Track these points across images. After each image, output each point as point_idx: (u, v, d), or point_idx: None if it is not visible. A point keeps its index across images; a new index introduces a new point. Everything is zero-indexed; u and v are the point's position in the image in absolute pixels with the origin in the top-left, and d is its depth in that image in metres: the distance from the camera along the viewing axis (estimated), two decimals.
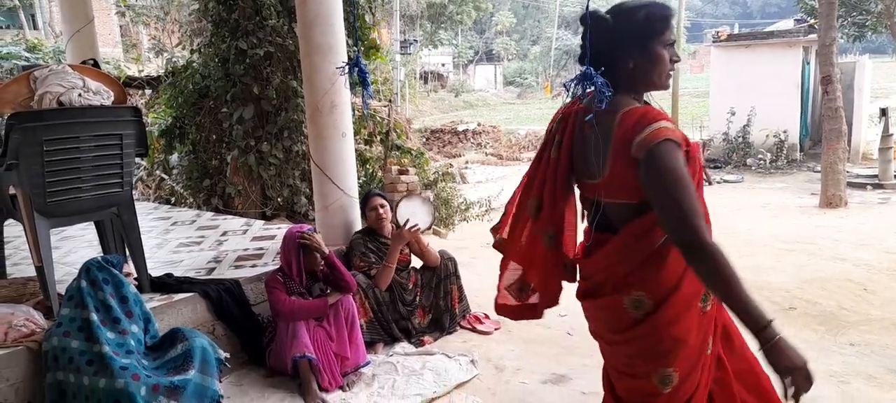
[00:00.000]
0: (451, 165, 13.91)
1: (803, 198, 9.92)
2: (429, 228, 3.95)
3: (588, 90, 1.69)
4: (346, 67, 3.67)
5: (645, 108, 1.62)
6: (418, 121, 24.88)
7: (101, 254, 3.11)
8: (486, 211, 8.37)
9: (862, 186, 10.26)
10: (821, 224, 7.90)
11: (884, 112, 10.52)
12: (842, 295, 4.88)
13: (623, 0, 1.71)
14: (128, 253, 3.24)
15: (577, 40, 1.82)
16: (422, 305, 3.90)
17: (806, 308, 4.63)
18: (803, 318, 4.45)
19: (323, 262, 3.31)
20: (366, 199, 3.96)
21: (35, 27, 22.64)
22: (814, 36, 11.47)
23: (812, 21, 12.49)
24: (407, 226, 3.75)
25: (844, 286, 5.07)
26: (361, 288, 3.62)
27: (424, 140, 21.79)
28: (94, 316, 2.54)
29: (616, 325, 1.76)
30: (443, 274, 3.95)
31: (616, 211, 1.71)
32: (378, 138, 7.69)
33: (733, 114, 13.39)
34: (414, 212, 3.87)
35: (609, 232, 1.73)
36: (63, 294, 2.74)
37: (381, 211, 3.87)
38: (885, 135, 10.28)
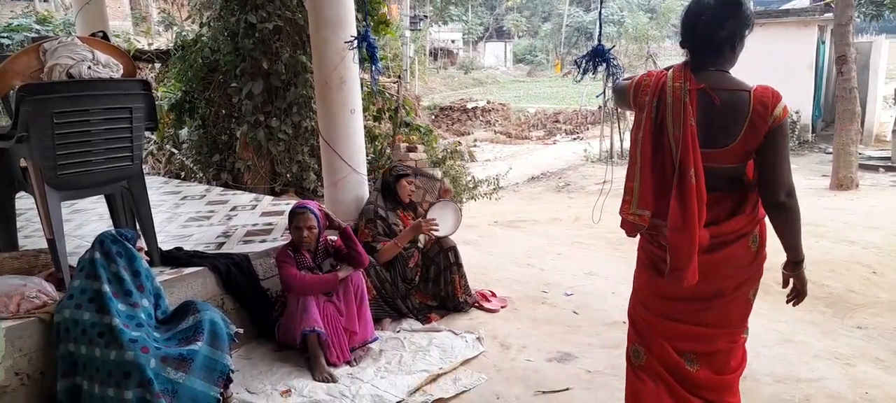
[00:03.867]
0: (460, 143, 13.88)
1: (814, 180, 9.84)
2: (447, 235, 3.98)
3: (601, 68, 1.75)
4: (355, 42, 3.65)
5: (767, 87, 1.94)
6: (427, 98, 24.82)
7: (114, 227, 3.13)
8: (495, 189, 8.37)
9: (874, 168, 10.17)
10: (831, 206, 7.84)
11: None
12: (850, 277, 4.86)
13: None
14: (138, 226, 3.26)
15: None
16: (422, 291, 3.91)
17: (814, 290, 4.58)
18: (811, 301, 4.42)
19: (337, 235, 3.33)
20: (398, 178, 3.98)
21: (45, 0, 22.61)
22: (830, 15, 11.30)
23: None
24: (430, 223, 3.81)
25: (853, 268, 5.05)
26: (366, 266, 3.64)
27: (433, 117, 21.76)
28: (107, 288, 2.56)
29: (745, 260, 2.09)
30: (442, 265, 3.91)
31: (726, 173, 2.00)
32: (387, 115, 7.67)
33: None
34: (443, 217, 3.95)
35: (718, 192, 2.00)
36: (74, 266, 2.77)
37: (409, 187, 3.97)
38: None
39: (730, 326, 2.14)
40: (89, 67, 2.81)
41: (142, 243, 2.94)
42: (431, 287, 3.91)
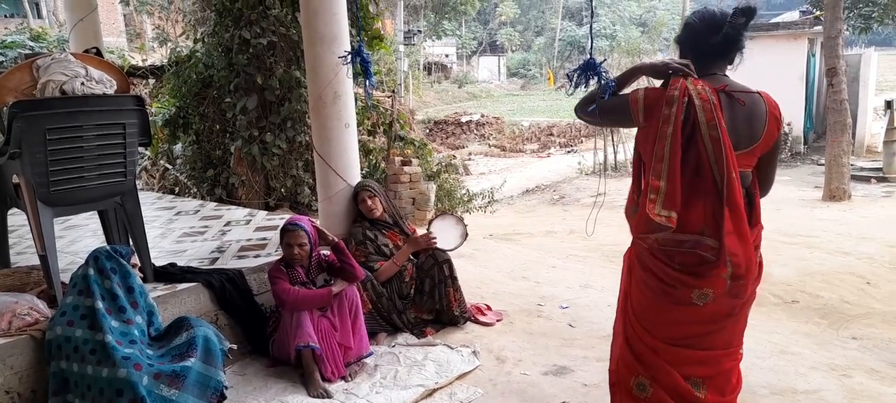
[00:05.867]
0: (455, 156, 13.91)
1: (807, 191, 9.89)
2: (451, 250, 3.95)
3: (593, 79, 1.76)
4: (349, 57, 3.66)
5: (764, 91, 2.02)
6: (422, 112, 24.88)
7: (108, 244, 3.11)
8: (489, 202, 8.38)
9: (866, 179, 10.23)
10: (824, 217, 7.88)
11: (889, 105, 10.46)
12: (844, 288, 4.88)
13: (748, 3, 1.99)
14: (131, 242, 3.24)
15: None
16: (417, 304, 3.89)
17: (808, 301, 4.62)
18: (806, 312, 4.45)
19: (329, 250, 3.32)
20: (357, 192, 4.01)
21: (39, 16, 22.64)
22: (819, 28, 11.41)
23: (818, 13, 12.41)
24: (428, 236, 3.80)
25: (847, 279, 5.07)
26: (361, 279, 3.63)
27: (428, 131, 21.80)
28: (100, 304, 2.55)
29: (759, 273, 2.09)
30: (437, 278, 3.84)
31: (745, 178, 2.01)
32: (381, 129, 7.69)
33: None
34: (445, 231, 3.93)
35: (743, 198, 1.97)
36: (67, 282, 2.75)
37: (369, 202, 3.91)
38: (890, 128, 10.24)
39: (735, 345, 2.11)
40: (83, 83, 2.81)
41: (135, 259, 2.92)
42: (426, 300, 3.88)
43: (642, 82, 2.20)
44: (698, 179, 1.91)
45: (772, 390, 3.03)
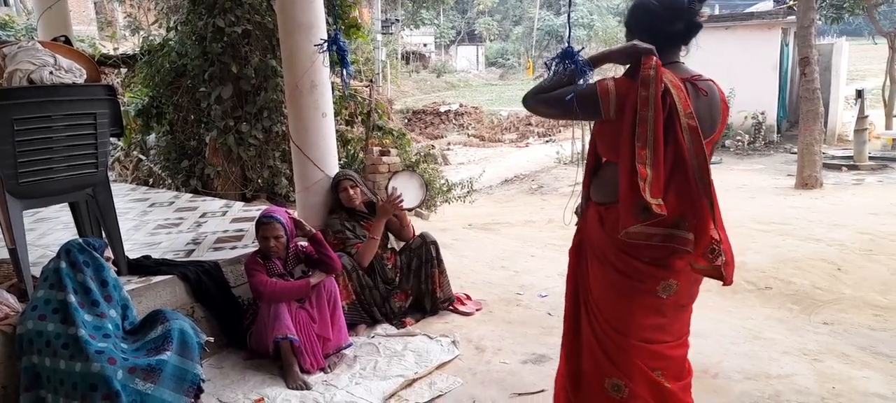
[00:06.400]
0: (434, 146, 13.89)
1: (780, 179, 10.06)
2: (416, 207, 3.93)
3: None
4: (325, 45, 3.61)
5: None
6: (400, 101, 24.77)
7: (81, 237, 3.05)
8: (468, 192, 8.38)
9: (837, 167, 10.43)
10: (797, 205, 8.02)
11: (859, 94, 10.67)
12: (816, 274, 4.97)
13: None
14: (104, 235, 3.18)
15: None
16: (403, 289, 3.89)
17: (781, 287, 4.71)
18: (779, 298, 4.53)
19: (306, 241, 3.29)
20: (339, 181, 3.95)
21: (6, 4, 22.03)
22: (793, 18, 11.57)
23: (791, 3, 12.58)
24: (393, 197, 3.74)
25: (818, 266, 5.17)
26: (346, 269, 3.61)
27: (406, 121, 21.72)
28: (72, 298, 2.50)
29: None
30: (424, 258, 3.91)
31: None
32: (359, 119, 7.64)
33: None
34: (405, 188, 3.88)
35: None
36: (38, 276, 2.70)
37: (351, 192, 3.87)
38: (861, 117, 10.44)
39: (685, 334, 2.10)
40: (51, 73, 2.74)
41: (109, 252, 2.87)
42: (413, 281, 3.89)
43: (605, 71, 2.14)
44: (675, 169, 1.83)
45: (745, 375, 3.09)
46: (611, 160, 2.00)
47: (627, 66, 1.91)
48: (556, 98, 1.88)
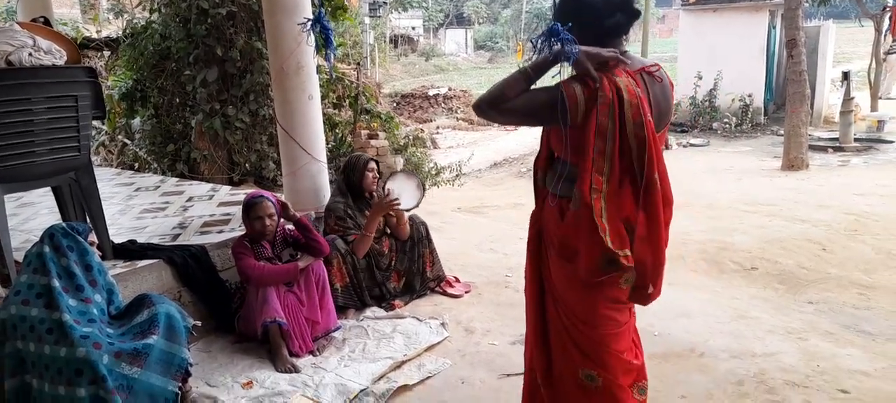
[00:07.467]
0: (422, 130, 13.83)
1: (766, 161, 10.12)
2: (414, 207, 3.91)
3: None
4: (309, 23, 3.56)
5: None
6: (388, 85, 24.62)
7: (64, 221, 3.02)
8: (457, 175, 8.37)
9: (823, 149, 10.50)
10: (783, 186, 8.08)
11: (845, 76, 10.71)
12: (802, 254, 5.02)
13: None
14: (88, 219, 3.15)
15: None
16: (397, 269, 3.90)
17: (767, 267, 4.75)
18: (765, 278, 4.57)
19: (292, 226, 3.27)
20: (365, 163, 3.83)
21: None
22: (780, 0, 11.57)
23: None
24: (389, 198, 3.71)
25: (804, 246, 5.21)
26: (340, 252, 3.60)
27: (395, 104, 21.60)
28: (56, 283, 2.47)
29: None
30: (415, 238, 3.93)
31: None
32: (347, 102, 7.58)
33: (700, 78, 13.51)
34: (402, 189, 3.86)
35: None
36: (21, 261, 2.66)
37: (372, 175, 3.80)
38: (847, 99, 10.49)
39: (633, 309, 2.10)
40: (30, 54, 2.69)
41: (93, 236, 2.84)
42: (406, 262, 3.89)
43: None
44: (626, 178, 1.78)
45: (731, 353, 3.12)
46: (564, 159, 1.89)
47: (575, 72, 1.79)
48: (520, 107, 1.79)
